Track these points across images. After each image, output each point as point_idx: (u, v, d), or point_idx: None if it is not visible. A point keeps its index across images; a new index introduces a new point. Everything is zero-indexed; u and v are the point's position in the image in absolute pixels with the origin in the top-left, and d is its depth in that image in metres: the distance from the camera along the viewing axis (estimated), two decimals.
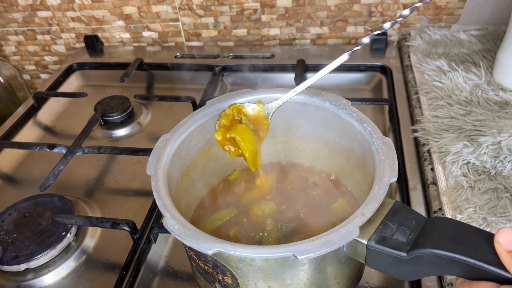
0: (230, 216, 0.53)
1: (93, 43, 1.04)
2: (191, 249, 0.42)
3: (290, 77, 0.87)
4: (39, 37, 1.08)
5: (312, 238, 0.37)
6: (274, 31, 0.98)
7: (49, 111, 0.89)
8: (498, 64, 0.73)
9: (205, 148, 0.54)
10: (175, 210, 0.41)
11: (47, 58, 1.13)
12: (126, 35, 1.04)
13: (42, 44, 1.09)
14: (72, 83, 0.97)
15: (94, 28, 1.04)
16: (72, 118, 0.86)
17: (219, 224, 0.52)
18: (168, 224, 0.39)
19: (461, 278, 0.35)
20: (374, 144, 0.45)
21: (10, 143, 0.78)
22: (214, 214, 0.53)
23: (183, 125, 0.51)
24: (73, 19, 1.03)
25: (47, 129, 0.85)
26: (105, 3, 0.99)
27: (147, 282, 0.55)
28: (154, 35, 1.03)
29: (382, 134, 0.46)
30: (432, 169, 0.62)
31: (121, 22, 1.02)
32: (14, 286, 0.56)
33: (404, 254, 0.37)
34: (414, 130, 0.70)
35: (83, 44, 1.05)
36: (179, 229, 0.39)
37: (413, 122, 0.73)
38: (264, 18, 0.96)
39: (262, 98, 0.54)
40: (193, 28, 1.00)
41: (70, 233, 0.59)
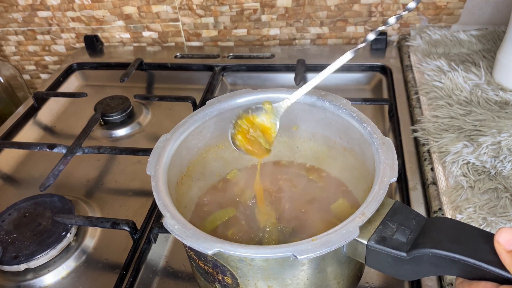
0: (229, 216, 0.53)
1: (93, 43, 1.04)
2: (191, 249, 0.42)
3: (290, 77, 0.87)
4: (39, 37, 1.08)
5: (312, 238, 0.37)
6: (274, 31, 0.98)
7: (49, 111, 0.89)
8: (498, 64, 0.73)
9: (205, 148, 0.54)
10: (175, 210, 0.41)
11: (47, 58, 1.13)
12: (126, 35, 1.04)
13: (42, 44, 1.09)
14: (72, 83, 0.97)
15: (94, 28, 1.04)
16: (72, 118, 0.86)
17: (218, 224, 0.52)
18: (168, 224, 0.39)
19: (461, 278, 0.35)
20: (374, 144, 0.45)
21: (10, 143, 0.78)
22: (213, 214, 0.53)
23: (183, 125, 0.51)
24: (73, 19, 1.03)
25: (47, 129, 0.85)
26: (105, 3, 0.99)
27: (147, 282, 0.55)
28: (154, 35, 1.03)
29: (382, 134, 0.46)
30: (432, 169, 0.62)
31: (121, 22, 1.02)
32: (14, 286, 0.56)
33: (404, 254, 0.37)
34: (414, 130, 0.70)
35: (83, 44, 1.05)
36: (179, 229, 0.39)
37: (413, 122, 0.73)
38: (264, 18, 0.96)
39: (262, 98, 0.54)
40: (193, 28, 1.00)
41: (70, 233, 0.59)
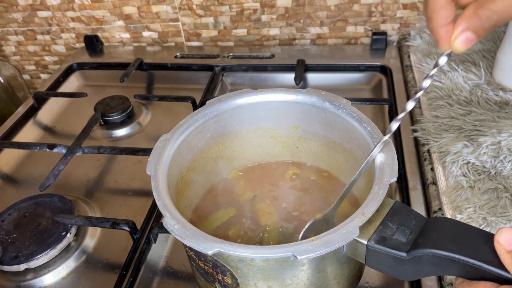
0: (229, 216, 0.53)
1: (93, 43, 1.04)
2: (191, 249, 0.42)
3: (290, 77, 0.87)
4: (39, 37, 1.08)
5: (312, 238, 0.37)
6: (274, 31, 0.98)
7: (49, 111, 0.89)
8: (498, 64, 0.73)
9: (205, 148, 0.54)
10: (175, 210, 0.41)
11: (47, 58, 1.12)
12: (126, 35, 1.04)
13: (42, 44, 1.09)
14: (72, 83, 0.97)
15: (94, 28, 1.04)
16: (72, 118, 0.86)
17: (219, 224, 0.52)
18: (168, 224, 0.39)
19: (460, 278, 0.35)
20: (374, 144, 0.45)
21: (10, 143, 0.78)
22: (213, 214, 0.53)
23: (183, 125, 0.51)
24: (73, 19, 1.03)
25: (47, 129, 0.85)
26: (105, 3, 0.99)
27: (147, 282, 0.55)
28: (154, 35, 1.03)
29: (382, 134, 0.46)
30: (432, 169, 0.62)
31: (121, 22, 1.02)
32: (14, 286, 0.56)
33: (404, 254, 0.37)
34: (414, 130, 0.70)
35: (83, 44, 1.05)
36: (179, 229, 0.39)
37: (413, 122, 0.73)
38: (264, 18, 0.96)
39: (262, 98, 0.54)
40: (193, 28, 1.00)
41: (70, 233, 0.59)
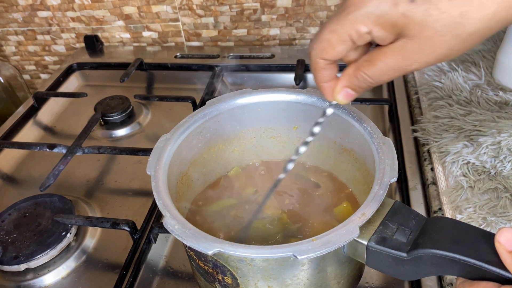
0: (230, 204, 0.53)
1: (93, 43, 1.04)
2: (191, 249, 0.42)
3: (290, 77, 0.87)
4: (39, 37, 1.08)
5: (312, 238, 0.37)
6: (274, 31, 0.98)
7: (49, 111, 0.89)
8: (498, 64, 0.73)
9: (205, 148, 0.54)
10: (175, 210, 0.41)
11: (47, 58, 1.12)
12: (126, 35, 1.04)
13: (42, 44, 1.09)
14: (72, 83, 0.97)
15: (94, 28, 1.04)
16: (72, 118, 0.86)
17: (219, 209, 0.52)
18: (168, 224, 0.39)
19: (461, 278, 0.35)
20: (374, 144, 0.45)
21: (10, 143, 0.78)
22: (215, 202, 0.54)
23: (183, 125, 0.51)
24: (73, 19, 1.03)
25: (47, 129, 0.85)
26: (105, 3, 0.99)
27: (147, 282, 0.55)
28: (154, 35, 1.03)
29: (382, 134, 0.46)
30: (432, 169, 0.62)
31: (121, 22, 1.02)
32: (14, 286, 0.56)
33: (404, 255, 0.37)
34: (414, 130, 0.70)
35: (83, 44, 1.05)
36: (179, 229, 0.39)
37: (413, 122, 0.73)
38: (264, 18, 0.96)
39: (262, 98, 0.54)
40: (193, 28, 1.00)
41: (70, 233, 0.59)
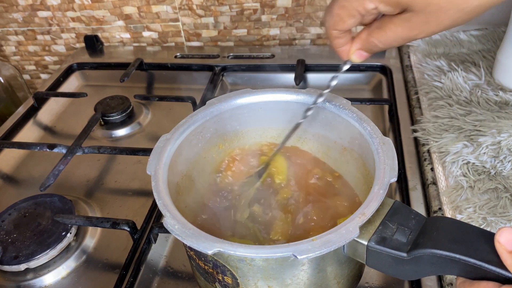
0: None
1: (93, 43, 1.04)
2: (191, 249, 0.42)
3: (290, 77, 0.87)
4: (39, 37, 1.08)
5: (312, 238, 0.37)
6: (274, 31, 0.98)
7: (49, 111, 0.89)
8: (498, 64, 0.73)
9: (205, 148, 0.54)
10: (175, 210, 0.41)
11: (47, 58, 1.13)
12: (126, 35, 1.04)
13: (42, 44, 1.09)
14: (72, 83, 0.97)
15: (94, 28, 1.04)
16: (72, 118, 0.86)
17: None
18: (168, 224, 0.39)
19: (461, 277, 0.35)
20: (374, 144, 0.45)
21: (10, 143, 0.78)
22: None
23: (183, 125, 0.51)
24: (73, 19, 1.03)
25: (47, 129, 0.85)
26: (105, 3, 0.99)
27: (147, 282, 0.55)
28: (154, 35, 1.03)
29: (382, 134, 0.46)
30: (432, 169, 0.62)
31: (121, 22, 1.02)
32: (14, 286, 0.56)
33: (404, 255, 0.37)
34: (414, 130, 0.70)
35: (83, 44, 1.05)
36: (179, 229, 0.39)
37: (413, 122, 0.73)
38: (264, 18, 0.96)
39: (262, 98, 0.54)
40: (193, 28, 1.00)
41: (70, 233, 0.59)
